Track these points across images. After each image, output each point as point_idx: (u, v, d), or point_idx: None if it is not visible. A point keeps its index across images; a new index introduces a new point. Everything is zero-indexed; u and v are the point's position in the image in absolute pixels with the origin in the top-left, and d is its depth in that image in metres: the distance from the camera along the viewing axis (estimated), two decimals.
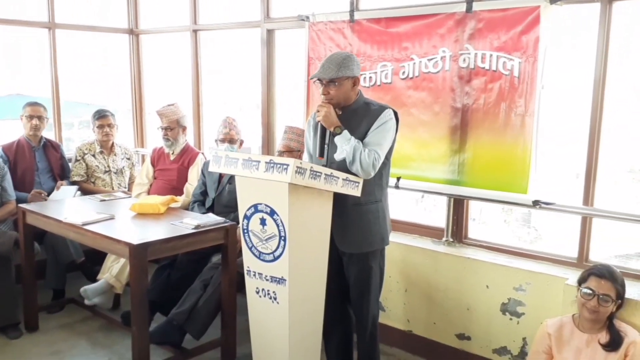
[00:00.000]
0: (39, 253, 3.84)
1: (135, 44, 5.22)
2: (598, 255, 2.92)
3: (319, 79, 2.64)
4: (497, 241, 3.27)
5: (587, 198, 2.83)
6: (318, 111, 2.66)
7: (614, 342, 2.33)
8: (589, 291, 2.34)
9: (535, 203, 2.90)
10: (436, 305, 3.30)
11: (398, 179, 3.41)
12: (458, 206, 3.33)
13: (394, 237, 3.43)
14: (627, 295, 2.39)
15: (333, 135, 2.64)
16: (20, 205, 3.57)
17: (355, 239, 2.73)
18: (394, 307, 3.51)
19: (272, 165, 2.44)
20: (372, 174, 2.60)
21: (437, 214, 3.50)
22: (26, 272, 3.56)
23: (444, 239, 3.37)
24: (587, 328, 2.40)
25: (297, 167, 2.38)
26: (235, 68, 5.21)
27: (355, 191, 2.62)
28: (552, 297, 2.78)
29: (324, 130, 2.70)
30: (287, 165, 2.39)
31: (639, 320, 2.43)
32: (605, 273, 2.35)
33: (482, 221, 6.22)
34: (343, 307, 2.93)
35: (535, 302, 2.90)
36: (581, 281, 2.40)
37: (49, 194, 4.07)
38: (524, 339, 2.97)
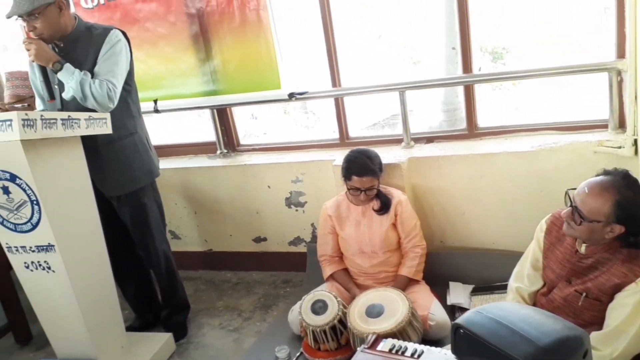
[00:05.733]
0: None
1: None
2: (356, 131, 3.12)
3: (18, 16, 2.26)
4: (279, 136, 3.30)
5: (335, 81, 2.94)
6: (28, 50, 2.29)
7: (385, 206, 2.55)
8: (355, 190, 2.49)
9: (291, 96, 2.95)
10: (228, 218, 3.30)
11: (155, 101, 3.21)
12: (223, 116, 3.26)
13: (168, 164, 3.30)
14: (384, 161, 2.59)
15: (55, 72, 2.32)
16: None
17: (118, 179, 2.52)
18: (188, 232, 3.44)
19: None
20: (112, 106, 2.36)
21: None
22: None
23: (218, 151, 3.31)
24: (359, 202, 2.58)
25: (23, 120, 2.04)
26: None
27: (105, 129, 2.37)
28: (325, 179, 2.92)
29: (44, 69, 2.35)
30: (10, 120, 2.04)
31: (397, 180, 2.69)
32: (364, 170, 2.45)
33: (265, 118, 6.33)
34: (129, 250, 2.77)
35: (313, 188, 3.03)
36: (346, 177, 2.51)
37: None
38: (312, 224, 3.13)
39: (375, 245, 2.56)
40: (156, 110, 3.21)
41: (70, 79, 2.29)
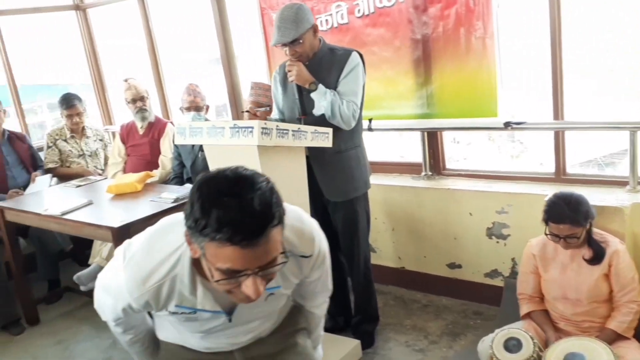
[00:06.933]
0: (26, 247, 3.82)
1: (84, 19, 5.02)
2: (574, 168, 2.94)
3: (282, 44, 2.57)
4: (482, 162, 3.28)
5: (557, 112, 2.82)
6: (289, 71, 2.61)
7: (597, 256, 2.34)
8: (554, 236, 2.33)
9: (507, 125, 2.89)
10: (424, 239, 3.34)
11: (370, 120, 3.38)
12: (432, 139, 3.32)
13: (374, 179, 3.42)
14: (604, 203, 2.41)
15: (308, 92, 2.60)
16: None
17: (341, 187, 2.74)
18: (384, 247, 3.55)
19: (237, 129, 2.39)
20: (353, 124, 2.62)
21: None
22: (15, 268, 3.55)
23: (423, 173, 3.37)
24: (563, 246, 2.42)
25: (262, 128, 2.33)
26: (186, 29, 5.06)
27: (326, 142, 2.59)
28: (534, 215, 2.76)
29: (299, 88, 2.65)
30: (252, 127, 2.33)
31: (617, 226, 2.47)
32: (563, 217, 2.28)
33: (467, 142, 6.24)
34: (333, 255, 2.95)
35: (519, 222, 2.93)
36: (544, 221, 2.36)
37: (24, 187, 4.02)
38: (512, 259, 3.02)
39: (581, 294, 2.39)
40: (369, 129, 3.38)
41: (322, 98, 2.56)
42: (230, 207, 1.10)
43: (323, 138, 2.57)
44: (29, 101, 5.43)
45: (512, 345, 2.33)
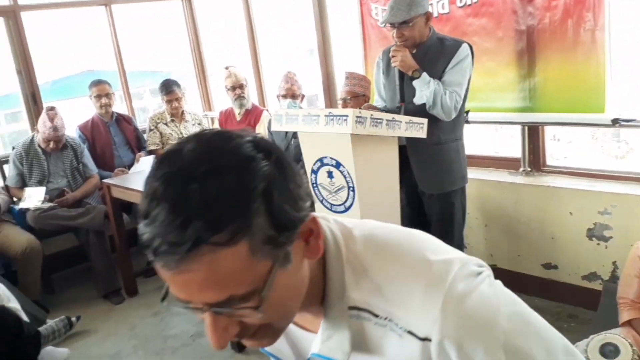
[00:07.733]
0: (129, 222, 4.07)
1: (189, 8, 5.25)
2: None
3: (390, 23, 2.55)
4: (583, 161, 3.13)
5: None
6: (393, 56, 2.59)
7: None
8: None
9: (615, 122, 2.72)
10: (519, 237, 3.23)
11: (467, 112, 3.29)
12: (533, 134, 3.18)
13: (468, 173, 3.35)
14: None
15: (411, 79, 2.58)
16: (104, 180, 3.78)
17: (438, 179, 2.71)
18: (476, 243, 3.46)
19: (331, 117, 2.42)
20: (454, 116, 2.58)
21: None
22: (119, 242, 3.80)
23: (521, 169, 3.24)
24: None
25: (357, 117, 2.34)
26: (287, 18, 5.15)
27: (421, 133, 2.56)
28: None
29: (401, 74, 2.63)
30: (347, 116, 2.35)
31: None
32: None
33: (567, 140, 5.92)
34: None
35: (623, 224, 2.76)
36: None
37: (129, 166, 4.28)
38: (614, 263, 2.86)
39: None
40: (466, 121, 3.30)
41: (425, 87, 2.52)
42: (153, 200, 0.67)
43: (417, 128, 2.55)
44: (134, 86, 5.75)
45: (609, 351, 2.21)
